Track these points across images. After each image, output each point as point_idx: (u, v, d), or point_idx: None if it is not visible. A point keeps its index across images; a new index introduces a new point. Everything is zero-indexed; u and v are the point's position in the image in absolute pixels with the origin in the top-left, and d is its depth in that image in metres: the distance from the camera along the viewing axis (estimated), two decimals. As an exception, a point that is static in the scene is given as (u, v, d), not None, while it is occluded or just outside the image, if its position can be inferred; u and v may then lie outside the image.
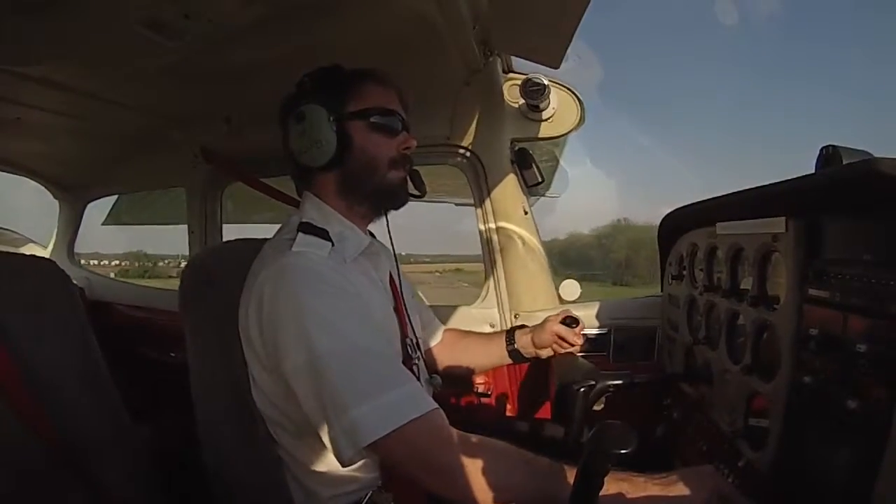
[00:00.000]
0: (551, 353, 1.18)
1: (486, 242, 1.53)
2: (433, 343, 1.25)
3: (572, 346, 1.14)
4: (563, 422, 1.03)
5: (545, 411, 1.45)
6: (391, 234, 1.06)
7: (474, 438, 0.74)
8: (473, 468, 0.70)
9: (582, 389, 0.98)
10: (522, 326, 1.25)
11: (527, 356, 1.21)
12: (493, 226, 1.51)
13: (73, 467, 0.80)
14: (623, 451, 0.52)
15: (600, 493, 0.57)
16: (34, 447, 0.77)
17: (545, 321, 1.17)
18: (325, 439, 0.74)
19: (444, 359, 1.24)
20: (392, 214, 1.02)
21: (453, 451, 0.72)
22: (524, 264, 1.49)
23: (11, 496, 0.74)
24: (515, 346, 1.21)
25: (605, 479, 0.56)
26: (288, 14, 1.02)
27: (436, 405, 0.77)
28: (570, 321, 1.14)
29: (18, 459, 0.75)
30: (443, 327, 1.28)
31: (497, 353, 1.23)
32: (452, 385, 1.39)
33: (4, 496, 0.73)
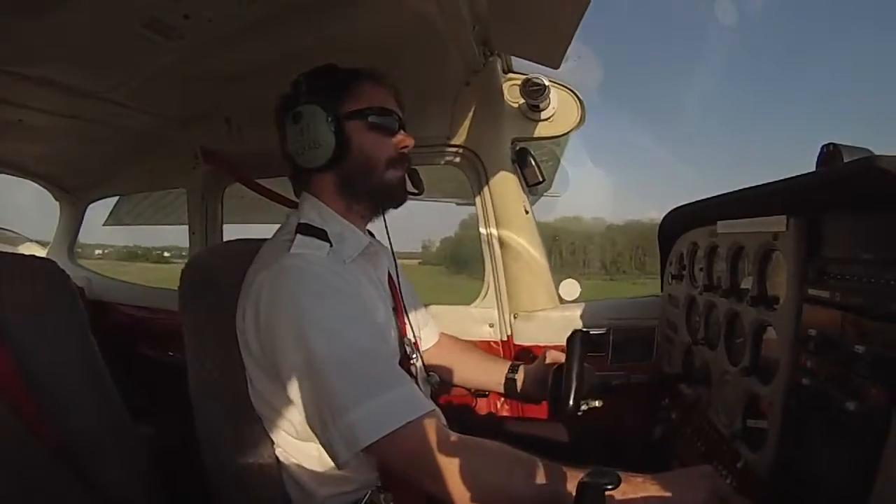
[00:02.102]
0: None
1: (487, 242, 1.53)
2: (428, 345, 1.24)
3: None
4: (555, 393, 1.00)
5: (542, 411, 1.44)
6: (389, 234, 1.06)
7: (471, 440, 0.74)
8: (470, 470, 0.70)
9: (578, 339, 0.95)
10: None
11: (520, 393, 1.16)
12: (493, 225, 1.51)
13: (73, 467, 0.80)
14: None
15: None
16: (34, 447, 0.77)
17: (544, 352, 1.14)
18: (322, 441, 0.74)
19: (438, 363, 1.22)
20: None
21: (449, 453, 0.72)
22: (525, 264, 1.49)
23: (11, 496, 0.74)
24: (515, 375, 1.16)
25: None
26: (288, 14, 1.02)
27: (433, 406, 0.77)
28: None
29: (18, 459, 0.76)
30: (438, 330, 1.27)
31: (492, 376, 1.19)
32: (446, 386, 1.38)
33: (4, 496, 0.73)
